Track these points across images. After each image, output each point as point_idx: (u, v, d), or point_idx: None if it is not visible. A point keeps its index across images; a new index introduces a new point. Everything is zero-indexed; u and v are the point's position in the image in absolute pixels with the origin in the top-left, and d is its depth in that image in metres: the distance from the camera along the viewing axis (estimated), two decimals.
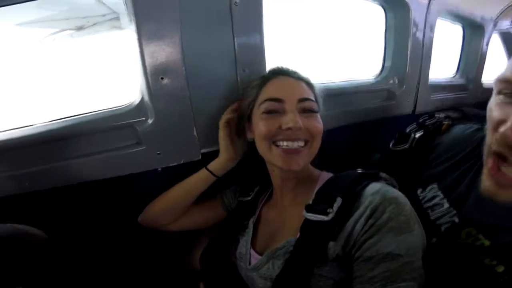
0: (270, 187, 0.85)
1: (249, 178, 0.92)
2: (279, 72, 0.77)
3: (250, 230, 0.80)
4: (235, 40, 0.84)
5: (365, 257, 0.56)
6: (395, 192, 0.61)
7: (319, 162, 0.81)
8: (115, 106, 0.80)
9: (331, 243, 0.60)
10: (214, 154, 0.89)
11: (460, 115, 0.92)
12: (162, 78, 0.74)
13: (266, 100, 0.71)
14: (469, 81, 1.75)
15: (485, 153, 0.60)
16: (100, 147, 0.80)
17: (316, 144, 0.73)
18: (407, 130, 0.93)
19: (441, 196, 0.73)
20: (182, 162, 0.88)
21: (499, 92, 0.57)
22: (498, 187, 0.57)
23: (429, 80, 1.41)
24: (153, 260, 0.98)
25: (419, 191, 0.78)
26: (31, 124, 0.75)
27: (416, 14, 1.22)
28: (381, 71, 1.30)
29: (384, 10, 1.26)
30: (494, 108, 0.57)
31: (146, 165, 0.84)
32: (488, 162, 0.58)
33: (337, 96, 1.15)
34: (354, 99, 1.22)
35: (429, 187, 0.77)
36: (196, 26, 0.78)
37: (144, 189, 0.88)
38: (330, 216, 0.60)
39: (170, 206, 0.87)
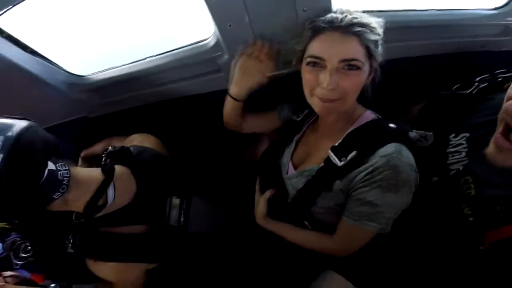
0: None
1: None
2: (329, 24, 0.75)
3: (292, 145, 1.01)
4: None
5: (355, 197, 0.78)
6: (402, 160, 0.73)
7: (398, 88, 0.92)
8: (198, 42, 1.03)
9: (338, 181, 0.81)
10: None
11: None
12: (230, 26, 0.88)
13: (309, 56, 0.78)
14: None
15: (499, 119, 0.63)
16: (194, 73, 1.12)
17: (351, 99, 0.80)
18: (477, 79, 0.87)
19: (465, 145, 0.79)
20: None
21: None
22: (498, 150, 0.61)
23: None
24: (232, 151, 1.38)
25: (451, 135, 0.84)
26: (144, 58, 1.10)
27: None
28: (506, 4, 1.02)
29: None
30: None
31: (225, 85, 1.09)
32: (499, 128, 0.62)
33: (432, 27, 1.05)
34: (455, 30, 1.07)
35: (461, 135, 0.82)
36: None
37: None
38: (342, 163, 0.78)
39: (228, 118, 1.09)
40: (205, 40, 1.02)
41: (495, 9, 1.03)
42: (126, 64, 1.13)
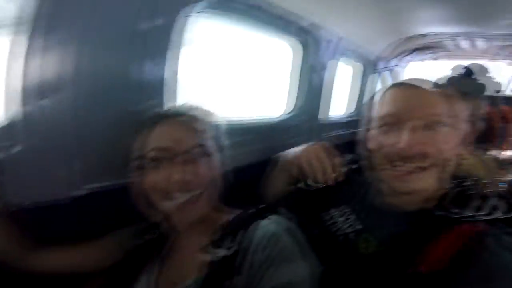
0: None
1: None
2: (159, 118, 0.70)
3: (155, 269, 0.72)
4: (142, 67, 0.77)
5: None
6: (280, 225, 0.65)
7: (229, 200, 0.78)
8: None
9: (237, 278, 0.59)
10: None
11: None
12: (41, 98, 0.62)
13: (152, 149, 0.66)
14: None
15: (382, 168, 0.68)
16: None
17: (213, 189, 0.70)
18: None
19: (349, 212, 0.79)
20: (58, 198, 0.72)
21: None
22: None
23: (330, 117, 1.55)
24: None
25: (332, 210, 0.83)
26: None
27: (324, 52, 1.33)
28: (291, 108, 1.37)
29: (301, 46, 1.32)
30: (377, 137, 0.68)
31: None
32: (398, 171, 0.65)
33: (245, 133, 1.16)
34: (263, 137, 1.24)
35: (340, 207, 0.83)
36: (96, 47, 0.68)
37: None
38: (233, 249, 0.61)
39: None
40: None
41: (284, 113, 1.35)
42: None
